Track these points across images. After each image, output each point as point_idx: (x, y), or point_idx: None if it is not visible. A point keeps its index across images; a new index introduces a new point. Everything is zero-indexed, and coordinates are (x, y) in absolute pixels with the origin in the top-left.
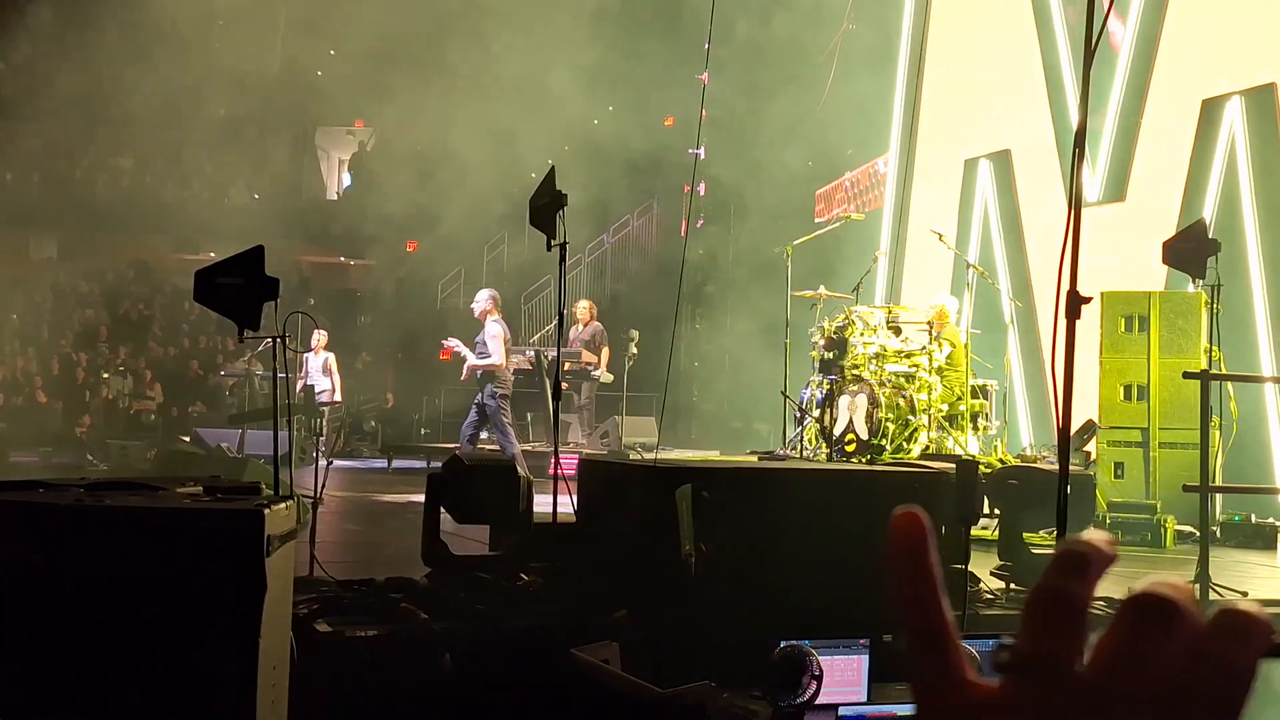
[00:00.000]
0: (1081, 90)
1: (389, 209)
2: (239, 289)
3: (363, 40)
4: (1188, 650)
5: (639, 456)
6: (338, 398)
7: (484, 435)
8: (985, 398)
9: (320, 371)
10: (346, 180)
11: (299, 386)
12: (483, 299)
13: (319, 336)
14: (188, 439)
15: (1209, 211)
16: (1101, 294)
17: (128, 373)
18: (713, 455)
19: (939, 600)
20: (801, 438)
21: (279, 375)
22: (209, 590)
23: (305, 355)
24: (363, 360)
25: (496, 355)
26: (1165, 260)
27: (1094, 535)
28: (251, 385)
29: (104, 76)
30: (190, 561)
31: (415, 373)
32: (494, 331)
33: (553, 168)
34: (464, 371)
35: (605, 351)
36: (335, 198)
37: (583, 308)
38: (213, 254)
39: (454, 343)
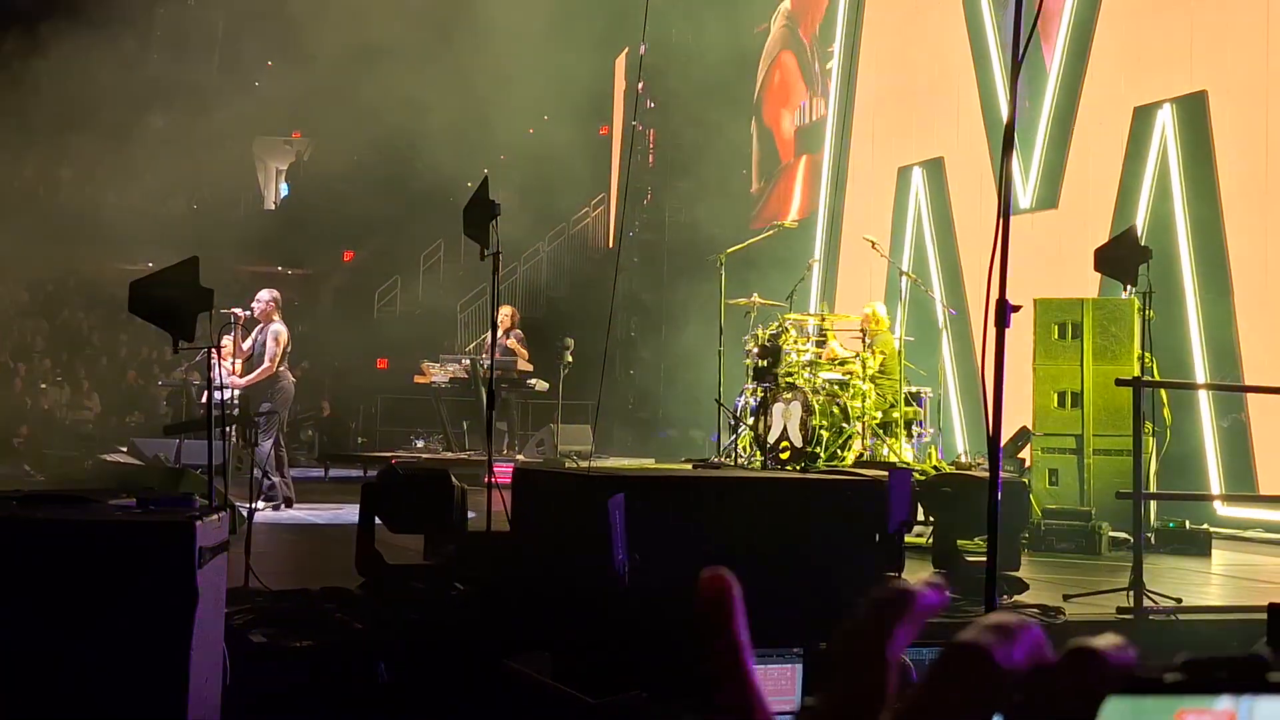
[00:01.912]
0: (1010, 93)
1: (326, 219)
2: (174, 300)
3: (300, 51)
4: (1026, 691)
5: (574, 464)
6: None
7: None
8: (919, 405)
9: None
10: (284, 190)
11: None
12: (264, 298)
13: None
14: (125, 449)
15: (1141, 218)
16: (1034, 301)
17: (65, 383)
18: (647, 463)
19: (745, 669)
20: (736, 445)
21: (213, 385)
22: (140, 603)
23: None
24: (301, 369)
25: (270, 358)
26: (1097, 267)
27: (916, 580)
28: (188, 395)
29: (42, 86)
30: (121, 574)
31: (352, 382)
32: (276, 330)
33: (486, 177)
34: (224, 377)
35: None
36: (273, 207)
37: (504, 313)
38: (150, 264)
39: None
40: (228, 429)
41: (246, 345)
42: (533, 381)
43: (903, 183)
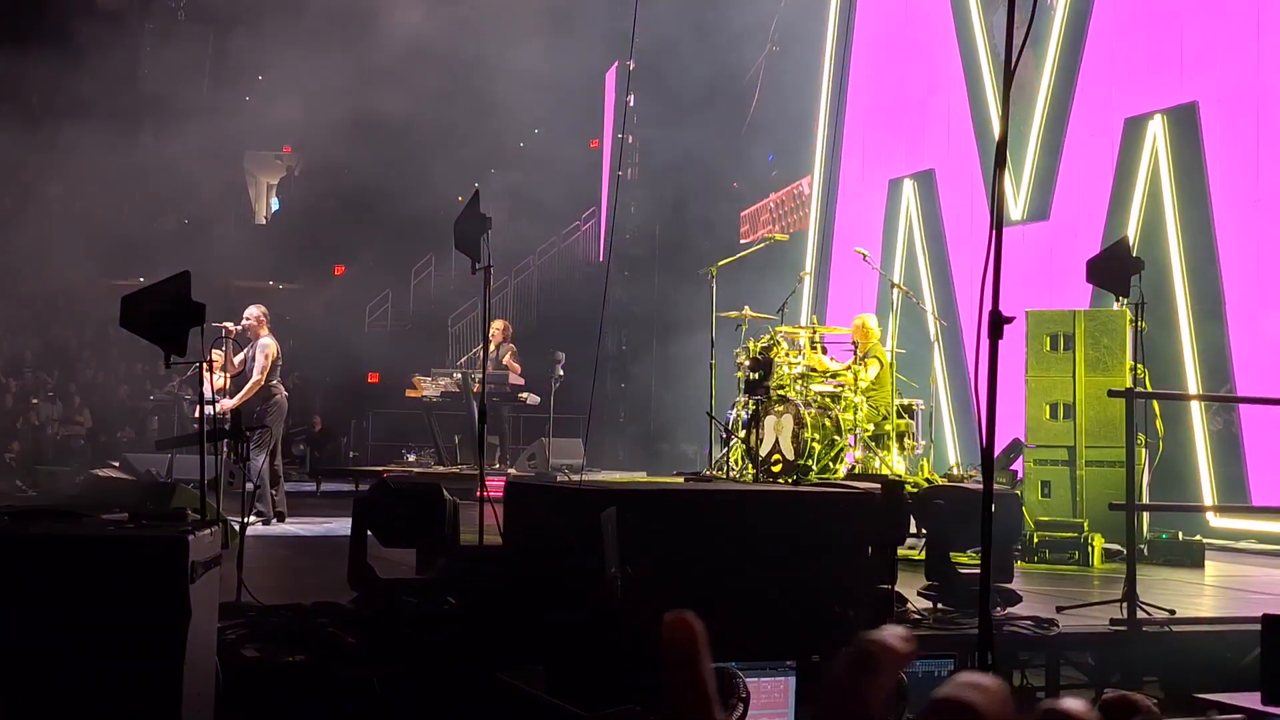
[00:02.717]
0: (1002, 104)
1: (316, 233)
2: (165, 315)
3: (291, 65)
4: None
5: (565, 478)
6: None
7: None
8: (911, 417)
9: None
10: (275, 205)
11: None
12: (251, 313)
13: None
14: (117, 464)
15: (1132, 229)
16: (1027, 313)
17: (57, 398)
18: (639, 477)
19: (711, 712)
20: (728, 458)
21: (205, 400)
22: (132, 618)
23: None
24: (292, 380)
25: (258, 370)
26: (1089, 279)
27: (888, 632)
28: (179, 410)
29: (32, 103)
30: (113, 589)
31: (343, 396)
32: (264, 344)
33: (477, 191)
34: (214, 398)
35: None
36: (264, 222)
37: (495, 327)
38: (142, 279)
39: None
40: (220, 444)
41: (239, 360)
42: (524, 395)
43: (894, 195)
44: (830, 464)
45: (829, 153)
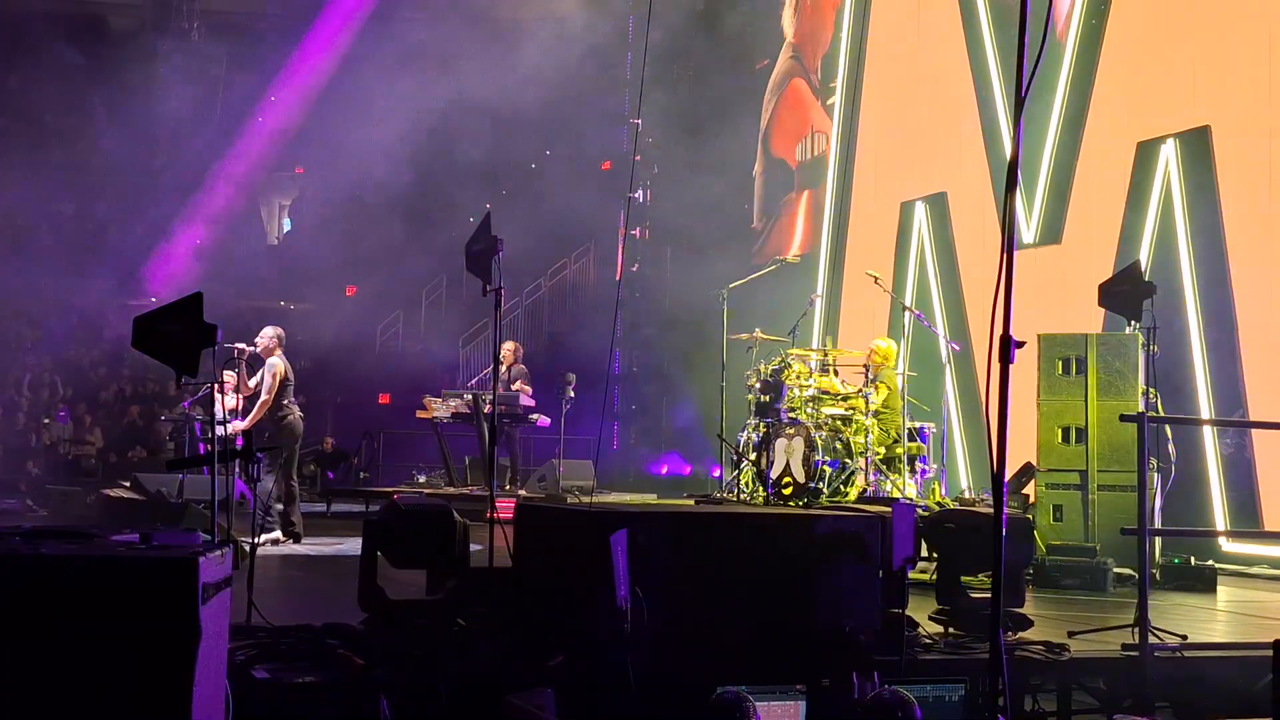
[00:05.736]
0: (1014, 128)
1: (328, 254)
2: (177, 335)
3: (302, 85)
4: None
5: (576, 500)
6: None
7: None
8: (922, 440)
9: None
10: (287, 225)
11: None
12: (266, 334)
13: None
14: (128, 484)
15: (1145, 254)
16: (1038, 336)
17: (68, 417)
18: (650, 499)
19: None
20: (738, 481)
21: (216, 420)
22: (142, 639)
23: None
24: (301, 403)
25: (265, 390)
26: (1101, 303)
27: None
28: (191, 430)
29: (46, 121)
30: (123, 610)
31: (354, 417)
32: (272, 363)
33: (488, 212)
34: (226, 418)
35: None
36: (276, 243)
37: (506, 349)
38: (154, 299)
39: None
40: (230, 464)
41: (253, 382)
42: (535, 416)
43: (905, 217)
44: (841, 487)
45: (841, 174)
